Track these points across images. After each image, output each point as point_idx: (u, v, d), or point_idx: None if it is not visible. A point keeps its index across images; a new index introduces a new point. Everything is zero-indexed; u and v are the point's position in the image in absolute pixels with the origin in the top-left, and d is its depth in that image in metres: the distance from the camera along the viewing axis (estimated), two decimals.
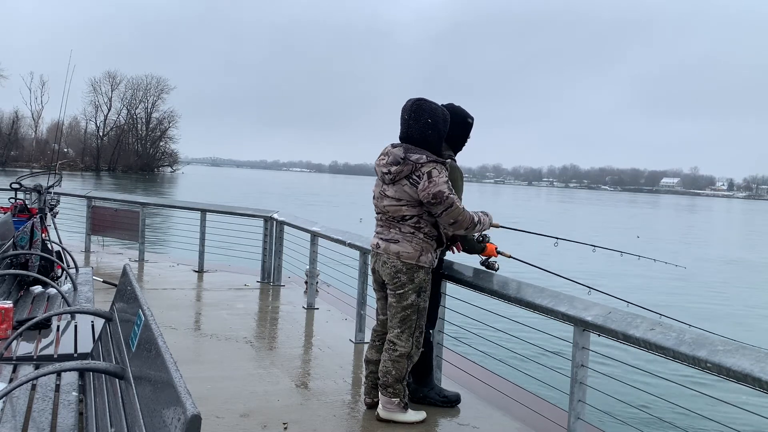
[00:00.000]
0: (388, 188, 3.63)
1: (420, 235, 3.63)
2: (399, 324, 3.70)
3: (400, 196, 3.58)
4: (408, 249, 3.62)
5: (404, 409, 3.76)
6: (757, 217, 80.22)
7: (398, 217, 3.63)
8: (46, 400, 2.69)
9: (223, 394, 4.04)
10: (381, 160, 3.66)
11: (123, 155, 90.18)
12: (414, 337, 3.72)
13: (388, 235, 3.69)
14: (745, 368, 2.43)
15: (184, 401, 1.44)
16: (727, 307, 14.95)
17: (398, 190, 3.58)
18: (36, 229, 5.30)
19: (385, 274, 3.70)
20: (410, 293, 3.66)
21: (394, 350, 3.70)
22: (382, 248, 3.71)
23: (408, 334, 3.70)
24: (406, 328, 3.69)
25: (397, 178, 3.57)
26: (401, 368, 3.70)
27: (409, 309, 3.68)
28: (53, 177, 7.06)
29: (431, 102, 3.65)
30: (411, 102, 3.64)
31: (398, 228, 3.65)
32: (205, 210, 8.59)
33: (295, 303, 7.01)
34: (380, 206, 3.71)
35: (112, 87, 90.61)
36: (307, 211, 29.35)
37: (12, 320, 3.55)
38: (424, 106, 3.60)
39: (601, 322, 3.12)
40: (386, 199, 3.64)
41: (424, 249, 3.65)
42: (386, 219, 3.70)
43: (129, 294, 2.74)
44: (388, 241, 3.68)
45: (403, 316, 3.69)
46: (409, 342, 3.70)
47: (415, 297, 3.67)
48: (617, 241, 25.02)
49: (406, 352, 3.70)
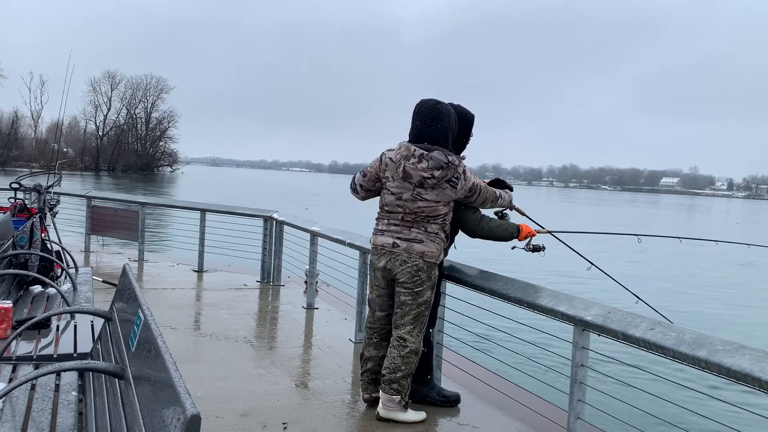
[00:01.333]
0: (427, 192, 3.64)
1: (442, 234, 3.75)
2: (412, 321, 3.75)
3: (440, 198, 3.66)
4: (432, 248, 3.70)
5: (404, 408, 3.77)
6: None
7: (430, 217, 3.69)
8: (45, 400, 2.69)
9: (222, 394, 4.04)
10: (414, 162, 3.64)
11: (123, 155, 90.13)
12: (422, 334, 3.81)
13: (410, 234, 3.69)
14: (745, 368, 2.43)
15: (184, 401, 1.44)
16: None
17: (439, 193, 3.65)
18: (36, 229, 5.30)
19: (403, 273, 3.70)
20: (427, 290, 3.76)
21: (404, 347, 3.73)
22: (402, 248, 3.70)
23: (419, 330, 3.78)
24: (418, 324, 3.76)
25: (439, 181, 3.62)
26: (411, 364, 3.75)
27: (423, 305, 3.76)
28: (53, 177, 7.05)
29: (446, 104, 3.80)
30: (431, 104, 3.74)
31: (423, 228, 3.68)
32: (205, 210, 8.60)
33: (294, 303, 7.01)
34: (411, 207, 3.68)
35: (111, 87, 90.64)
36: (307, 212, 29.32)
37: (11, 320, 3.55)
38: (443, 109, 3.74)
39: (600, 321, 3.12)
40: (422, 201, 3.66)
41: (444, 248, 3.82)
42: (408, 219, 3.70)
43: (128, 294, 2.74)
44: (411, 241, 3.69)
45: (418, 312, 3.75)
46: (419, 338, 3.79)
47: (430, 293, 3.78)
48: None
49: (416, 348, 3.76)
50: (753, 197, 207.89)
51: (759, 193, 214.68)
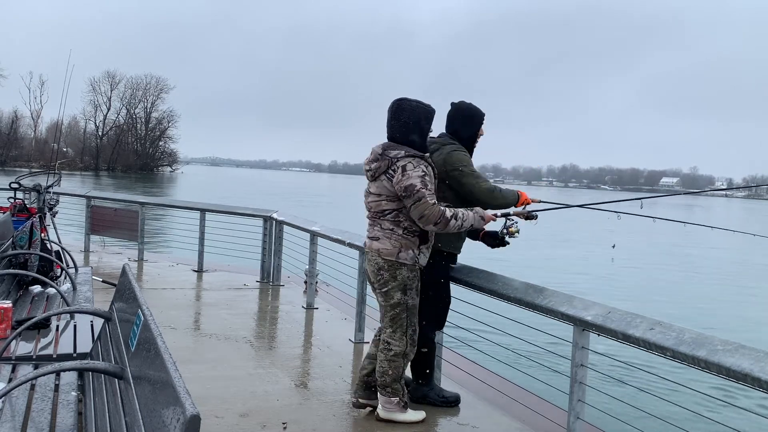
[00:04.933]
0: (372, 185, 3.68)
1: (399, 231, 3.62)
2: (390, 323, 3.71)
3: (380, 191, 3.62)
4: (387, 246, 3.63)
5: (404, 408, 3.76)
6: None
7: (379, 213, 3.66)
8: (45, 400, 2.68)
9: (222, 394, 4.04)
10: (368, 159, 3.72)
11: (122, 155, 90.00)
12: (407, 336, 3.71)
13: (372, 232, 3.73)
14: (745, 368, 2.43)
15: (184, 401, 1.44)
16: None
17: (379, 186, 3.62)
18: (35, 229, 5.30)
19: (370, 272, 3.73)
20: (395, 291, 3.65)
21: (389, 350, 3.70)
22: (367, 246, 3.76)
23: (401, 332, 3.69)
24: (397, 327, 3.69)
25: (376, 174, 3.62)
26: (397, 367, 3.70)
27: (397, 307, 3.67)
28: (52, 176, 7.04)
29: (412, 100, 3.68)
30: (394, 101, 3.70)
31: (379, 225, 3.68)
32: (205, 210, 8.59)
33: (294, 303, 7.00)
34: (366, 203, 3.76)
35: (111, 87, 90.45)
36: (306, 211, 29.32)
37: (11, 320, 3.55)
38: (404, 105, 3.65)
39: (600, 321, 3.12)
40: (370, 196, 3.70)
41: (404, 245, 3.62)
42: (371, 217, 3.75)
43: (128, 294, 2.74)
44: (372, 239, 3.72)
45: (393, 314, 3.69)
46: (403, 341, 3.70)
47: (401, 295, 3.65)
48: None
49: (401, 351, 3.69)
50: (753, 197, 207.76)
51: (759, 193, 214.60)
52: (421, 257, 3.69)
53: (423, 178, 3.52)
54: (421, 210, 3.50)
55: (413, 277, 3.68)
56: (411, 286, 3.68)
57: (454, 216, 3.56)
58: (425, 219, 3.52)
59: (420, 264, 3.70)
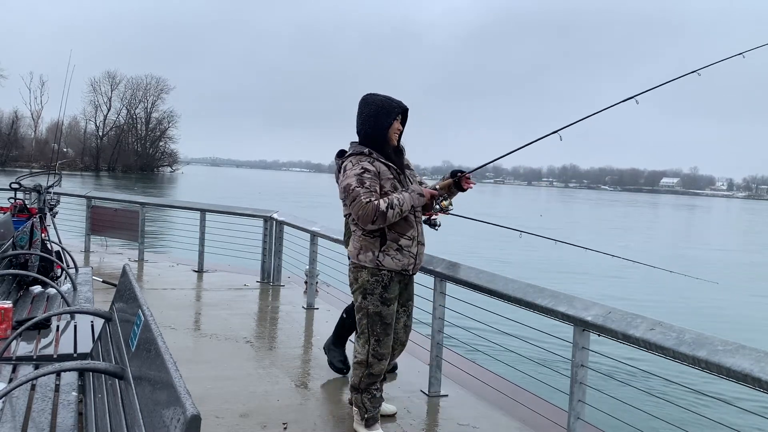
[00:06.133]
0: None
1: (359, 232, 3.48)
2: (358, 328, 3.58)
3: (339, 191, 3.51)
4: (351, 247, 3.58)
5: (363, 423, 3.54)
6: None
7: (347, 215, 3.62)
8: (45, 400, 2.69)
9: (222, 394, 4.04)
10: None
11: (122, 155, 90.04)
12: (370, 345, 3.47)
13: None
14: (745, 368, 2.43)
15: (184, 401, 1.44)
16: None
17: (339, 186, 3.52)
18: (36, 229, 5.30)
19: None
20: (357, 294, 3.51)
21: (354, 356, 3.59)
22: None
23: (363, 340, 3.50)
24: (361, 334, 3.52)
25: (338, 174, 3.55)
26: (357, 375, 3.53)
27: (359, 312, 3.51)
28: (53, 177, 7.05)
29: (374, 95, 3.49)
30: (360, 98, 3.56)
31: (351, 226, 3.62)
32: (205, 210, 8.59)
33: (294, 303, 7.00)
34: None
35: (111, 87, 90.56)
36: (306, 211, 29.32)
37: (11, 320, 3.55)
38: (368, 99, 3.48)
39: (600, 322, 3.11)
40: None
41: (364, 247, 3.44)
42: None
43: (128, 294, 2.74)
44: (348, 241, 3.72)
45: (358, 319, 3.53)
46: (365, 349, 3.48)
47: (361, 299, 3.48)
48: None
49: (363, 360, 3.50)
50: (753, 197, 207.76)
51: (759, 193, 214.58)
52: (385, 259, 3.43)
53: (360, 176, 3.32)
54: (356, 211, 3.32)
55: (375, 282, 3.43)
56: (372, 292, 3.44)
57: (390, 205, 3.32)
58: (362, 219, 3.32)
59: (385, 267, 3.43)
